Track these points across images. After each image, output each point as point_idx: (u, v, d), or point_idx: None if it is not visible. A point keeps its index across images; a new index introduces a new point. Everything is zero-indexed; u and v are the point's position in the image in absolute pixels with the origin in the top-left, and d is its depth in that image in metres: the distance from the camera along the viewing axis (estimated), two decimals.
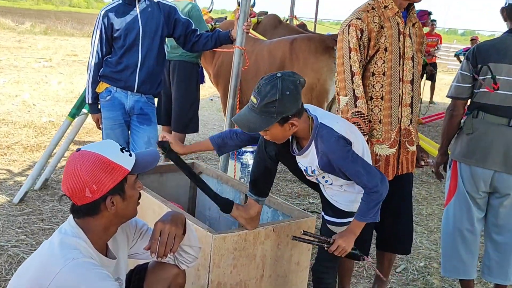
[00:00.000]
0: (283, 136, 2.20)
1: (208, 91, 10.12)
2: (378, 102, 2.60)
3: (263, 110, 2.06)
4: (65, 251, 1.66)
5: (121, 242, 1.98)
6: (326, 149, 2.19)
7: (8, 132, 5.92)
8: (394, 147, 2.65)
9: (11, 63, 11.04)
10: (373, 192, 2.17)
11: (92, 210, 1.74)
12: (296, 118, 2.13)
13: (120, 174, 1.74)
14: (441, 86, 13.70)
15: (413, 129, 2.70)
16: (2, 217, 3.72)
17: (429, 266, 3.65)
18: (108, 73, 3.48)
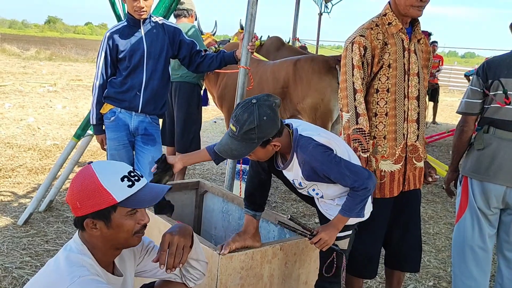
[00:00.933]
0: (266, 156, 2.26)
1: (212, 114, 10.16)
2: (382, 118, 2.59)
3: (244, 137, 2.10)
4: (72, 269, 1.64)
5: (128, 260, 1.95)
6: (307, 158, 2.20)
7: (12, 155, 5.93)
8: (399, 163, 2.63)
9: (16, 88, 11.13)
10: (362, 189, 2.19)
11: (79, 226, 1.74)
12: (277, 138, 2.17)
13: (105, 202, 1.69)
14: (443, 107, 13.73)
15: (420, 145, 2.68)
16: (6, 239, 3.70)
17: (438, 285, 3.60)
18: (112, 94, 3.49)
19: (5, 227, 3.92)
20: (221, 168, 6.18)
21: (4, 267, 3.28)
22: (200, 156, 2.67)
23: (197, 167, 6.31)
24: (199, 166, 6.36)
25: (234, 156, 2.18)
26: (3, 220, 4.04)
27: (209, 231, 3.43)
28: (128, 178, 1.73)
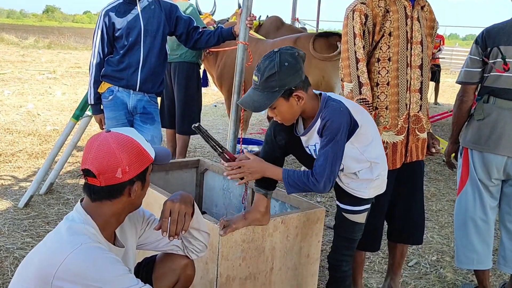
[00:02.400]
0: (292, 113, 2.13)
1: (212, 98, 10.12)
2: (384, 88, 2.55)
3: (265, 86, 2.04)
4: (73, 237, 1.62)
5: (129, 232, 1.93)
6: (328, 116, 2.10)
7: (12, 141, 5.91)
8: (401, 134, 2.58)
9: (16, 76, 11.08)
10: (315, 179, 2.10)
11: (115, 193, 1.71)
12: (300, 90, 2.07)
13: (148, 161, 1.76)
14: (444, 88, 13.65)
15: (423, 115, 2.64)
16: (7, 221, 3.68)
17: (441, 260, 3.58)
18: (110, 73, 3.45)
19: (6, 209, 3.91)
20: None
21: (6, 248, 3.27)
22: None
23: (198, 149, 6.29)
24: (199, 149, 6.33)
25: (255, 107, 2.08)
26: (4, 203, 4.03)
27: (210, 209, 3.42)
28: (146, 140, 1.80)
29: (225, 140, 3.60)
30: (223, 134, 7.09)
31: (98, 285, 1.55)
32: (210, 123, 7.97)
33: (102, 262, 1.58)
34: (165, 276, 2.04)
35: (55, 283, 1.56)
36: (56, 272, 1.55)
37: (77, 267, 1.55)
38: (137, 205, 1.84)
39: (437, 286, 3.20)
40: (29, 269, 1.65)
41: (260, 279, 2.45)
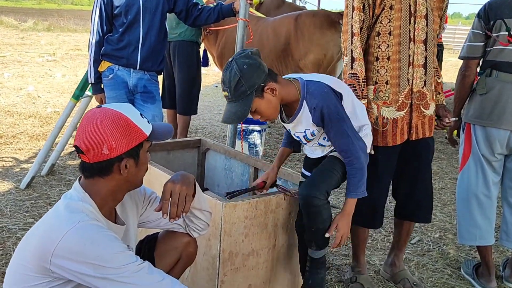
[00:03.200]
0: (272, 107, 2.19)
1: (213, 78, 10.06)
2: (384, 63, 2.50)
3: (237, 95, 2.09)
4: (71, 215, 1.61)
5: (130, 210, 1.92)
6: (320, 103, 2.16)
7: (13, 123, 5.89)
8: (402, 110, 2.53)
9: (15, 58, 11.02)
10: (354, 159, 2.18)
11: (105, 170, 1.67)
12: (270, 82, 2.13)
13: (139, 137, 1.69)
14: (447, 67, 13.57)
15: (428, 91, 2.56)
16: (9, 202, 3.68)
17: (444, 237, 3.58)
18: (109, 51, 3.42)
19: (7, 191, 3.90)
20: (223, 131, 6.13)
21: (8, 228, 3.27)
22: (284, 154, 2.62)
23: (199, 130, 6.27)
24: (201, 130, 6.31)
25: (238, 118, 2.13)
26: (6, 185, 4.02)
27: (212, 189, 3.40)
28: (142, 115, 1.74)
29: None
30: None
31: (96, 262, 1.54)
32: (211, 104, 7.94)
33: (100, 239, 1.57)
34: (167, 254, 2.04)
35: (53, 261, 1.55)
36: (54, 250, 1.54)
37: (75, 245, 1.54)
38: (136, 184, 1.80)
39: (439, 262, 3.20)
40: (28, 247, 1.64)
41: (263, 256, 2.45)
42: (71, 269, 1.55)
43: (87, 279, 1.56)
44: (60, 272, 1.57)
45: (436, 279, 3.00)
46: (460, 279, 3.02)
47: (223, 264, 2.31)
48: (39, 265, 1.58)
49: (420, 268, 3.11)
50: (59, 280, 1.60)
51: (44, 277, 1.59)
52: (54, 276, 1.59)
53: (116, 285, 1.56)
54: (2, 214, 3.48)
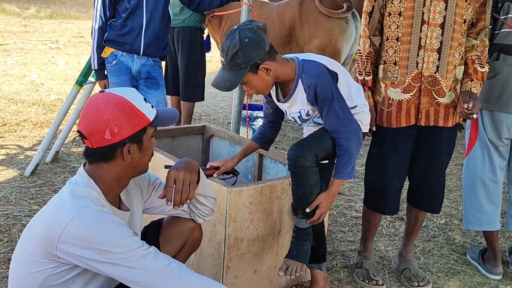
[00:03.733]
0: (264, 84, 2.20)
1: (217, 65, 10.00)
2: (393, 43, 2.49)
3: (231, 65, 2.09)
4: (76, 200, 1.60)
5: (134, 196, 1.91)
6: (314, 81, 2.16)
7: (17, 110, 5.88)
8: (408, 93, 2.49)
9: (18, 46, 10.97)
10: (341, 140, 2.17)
11: (108, 155, 1.66)
12: (267, 62, 2.13)
13: (142, 122, 1.67)
14: None
15: (442, 78, 2.47)
16: (14, 189, 3.68)
17: (450, 223, 3.57)
18: (112, 37, 3.39)
19: (12, 178, 3.90)
20: (228, 117, 6.11)
21: (13, 215, 3.27)
22: (249, 148, 2.63)
23: (203, 117, 6.25)
24: (204, 117, 6.29)
25: (227, 87, 2.14)
26: (10, 172, 4.02)
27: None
28: (146, 100, 1.72)
29: (230, 107, 3.56)
30: (228, 102, 7.04)
31: (102, 248, 1.54)
32: (215, 91, 7.89)
33: (106, 225, 1.56)
34: (172, 239, 2.03)
35: (59, 247, 1.55)
36: (60, 236, 1.54)
37: (81, 231, 1.54)
38: (141, 169, 1.79)
39: (445, 248, 3.19)
40: (33, 234, 1.63)
41: (268, 241, 2.45)
42: (77, 255, 1.55)
43: (93, 264, 1.56)
44: (67, 258, 1.57)
45: (441, 264, 2.99)
46: (466, 264, 3.01)
47: (229, 249, 2.31)
48: (45, 251, 1.58)
49: (426, 254, 3.11)
50: (66, 266, 1.60)
51: (50, 263, 1.59)
52: (60, 261, 1.59)
53: (122, 270, 1.56)
54: (7, 201, 3.48)
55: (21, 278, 1.66)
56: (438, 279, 2.84)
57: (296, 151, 2.19)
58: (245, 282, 2.43)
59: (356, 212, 3.61)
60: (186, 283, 1.59)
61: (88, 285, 1.69)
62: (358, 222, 3.47)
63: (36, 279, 1.61)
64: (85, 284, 1.68)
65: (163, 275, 1.57)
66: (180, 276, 1.59)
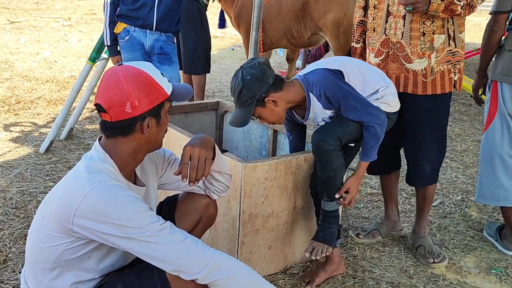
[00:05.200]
0: (276, 115, 2.30)
1: (229, 41, 9.93)
2: (371, 11, 2.61)
3: (240, 102, 2.23)
4: (92, 175, 1.59)
5: (150, 172, 1.90)
6: (321, 88, 2.24)
7: (31, 88, 5.89)
8: (378, 57, 2.60)
9: (31, 24, 10.97)
10: (368, 127, 2.24)
11: (127, 129, 1.64)
12: (272, 94, 2.23)
13: (161, 96, 1.66)
14: (470, 27, 13.21)
15: (406, 44, 2.48)
16: (29, 166, 3.70)
17: (466, 199, 3.53)
18: (125, 12, 3.36)
19: (27, 155, 3.92)
20: None
21: (29, 192, 3.30)
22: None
23: (216, 94, 6.22)
24: (218, 93, 6.26)
25: (241, 123, 2.25)
26: (25, 149, 4.04)
27: (231, 152, 3.38)
28: (162, 74, 1.70)
29: None
30: None
31: (118, 222, 1.53)
32: (228, 67, 7.85)
33: (122, 199, 1.56)
34: (188, 215, 2.02)
35: (75, 221, 1.55)
36: (76, 211, 1.54)
37: (97, 205, 1.53)
38: (156, 144, 1.77)
39: (461, 225, 3.16)
40: (50, 208, 1.64)
41: (283, 217, 2.44)
42: (94, 229, 1.55)
43: (109, 238, 1.56)
44: (82, 232, 1.57)
45: (458, 241, 2.96)
46: (482, 241, 2.98)
47: (243, 225, 2.30)
48: (61, 226, 1.58)
49: (441, 230, 3.08)
50: (82, 240, 1.60)
51: (66, 237, 1.60)
52: (77, 236, 1.59)
53: (138, 244, 1.55)
54: (23, 178, 3.51)
55: (37, 252, 1.67)
56: (454, 255, 2.81)
57: (319, 135, 2.25)
58: (259, 258, 2.42)
59: (371, 189, 3.58)
60: (202, 257, 1.59)
61: (103, 259, 1.69)
62: (373, 198, 3.45)
63: (52, 253, 1.62)
64: (100, 259, 1.68)
65: (179, 250, 1.57)
66: (196, 250, 1.59)
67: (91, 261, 1.67)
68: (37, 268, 1.68)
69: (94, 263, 1.68)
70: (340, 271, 2.52)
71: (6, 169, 3.63)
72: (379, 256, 2.77)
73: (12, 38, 8.98)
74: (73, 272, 1.66)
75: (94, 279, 1.70)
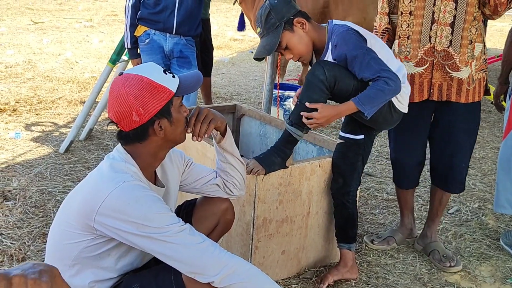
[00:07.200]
0: (304, 43, 2.25)
1: (248, 44, 9.96)
2: (406, 18, 2.50)
3: (267, 28, 2.20)
4: (116, 175, 1.63)
5: (171, 174, 1.93)
6: (339, 41, 2.19)
7: (52, 88, 5.98)
8: (421, 66, 2.50)
9: (54, 25, 11.15)
10: (382, 79, 2.10)
11: (141, 136, 1.68)
12: (300, 18, 2.22)
13: (166, 96, 1.66)
14: (492, 32, 13.06)
15: (455, 52, 2.46)
16: (49, 166, 3.77)
17: (483, 207, 3.50)
18: (146, 15, 3.40)
19: (47, 155, 3.99)
20: (259, 97, 6.09)
21: (48, 191, 3.35)
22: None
23: (234, 97, 6.24)
24: (236, 96, 6.28)
25: (267, 50, 2.22)
26: (45, 149, 4.11)
27: (247, 156, 3.39)
28: (165, 71, 1.71)
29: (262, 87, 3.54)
30: (259, 81, 7.01)
31: (139, 221, 1.56)
32: (246, 70, 7.88)
33: (144, 199, 1.59)
34: (205, 219, 2.04)
35: (97, 219, 1.58)
36: (99, 209, 1.57)
37: (120, 204, 1.57)
38: (177, 141, 1.77)
39: (478, 233, 3.13)
40: (72, 206, 1.68)
41: (297, 222, 2.44)
42: (115, 227, 1.58)
43: (129, 237, 1.58)
44: (103, 230, 1.60)
45: (473, 249, 2.94)
46: (499, 249, 2.95)
47: (257, 230, 2.32)
48: (83, 223, 1.62)
49: (457, 238, 3.06)
50: (102, 238, 1.64)
51: (87, 234, 1.63)
52: (97, 234, 1.62)
53: (157, 244, 1.58)
54: (42, 177, 3.57)
55: (58, 249, 1.71)
56: (470, 263, 2.79)
57: (322, 63, 2.21)
58: (273, 262, 2.44)
59: (387, 195, 3.57)
60: (219, 260, 1.61)
61: (122, 258, 1.73)
62: (389, 204, 3.43)
63: (73, 250, 1.66)
64: (119, 257, 1.72)
65: (197, 252, 1.59)
66: (214, 253, 1.61)
67: (110, 259, 1.70)
68: (57, 264, 1.70)
69: (112, 262, 1.71)
70: (354, 276, 2.51)
71: (27, 168, 3.70)
72: (394, 262, 2.76)
73: (35, 39, 9.14)
74: (92, 270, 1.69)
75: (111, 279, 1.74)
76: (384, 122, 2.37)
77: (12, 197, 3.23)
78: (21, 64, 7.09)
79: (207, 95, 4.95)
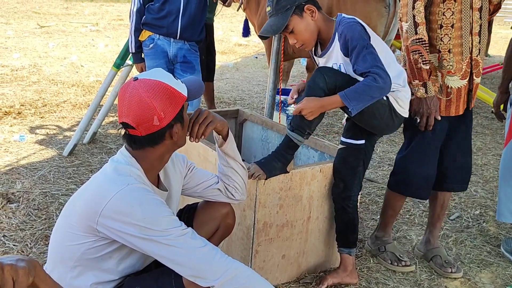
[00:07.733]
0: (309, 31, 2.27)
1: (253, 49, 10.00)
2: (448, 31, 2.43)
3: (278, 8, 2.22)
4: (120, 177, 1.65)
5: (173, 178, 1.95)
6: (345, 29, 2.21)
7: (57, 91, 6.03)
8: (465, 79, 2.50)
9: (60, 28, 11.23)
10: (371, 75, 2.10)
11: (156, 139, 1.70)
12: (310, 5, 2.24)
13: (181, 101, 1.70)
14: (496, 39, 13.07)
15: (480, 59, 2.52)
16: (53, 169, 3.80)
17: (484, 214, 3.50)
18: (150, 20, 3.44)
19: (51, 158, 4.02)
20: (262, 102, 6.11)
21: (51, 194, 3.38)
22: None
23: (238, 102, 6.27)
24: (239, 101, 6.31)
25: (274, 30, 2.24)
26: (49, 152, 4.14)
27: (249, 160, 3.41)
28: (175, 77, 1.75)
29: (265, 92, 3.56)
30: (263, 86, 7.04)
31: (142, 224, 1.58)
32: (250, 75, 7.91)
33: (148, 202, 1.61)
34: (206, 224, 2.06)
35: (100, 221, 1.60)
36: (102, 211, 1.59)
37: (123, 206, 1.58)
38: (181, 143, 1.81)
39: (478, 239, 3.14)
40: (75, 208, 1.69)
41: (297, 227, 2.46)
42: (117, 230, 1.60)
43: (131, 240, 1.60)
44: (106, 232, 1.62)
45: (474, 255, 2.94)
46: (499, 256, 2.96)
47: (258, 234, 2.33)
48: (86, 225, 1.63)
49: (458, 245, 3.06)
50: (104, 240, 1.66)
51: (90, 236, 1.65)
52: (100, 236, 1.64)
53: (160, 247, 1.60)
54: (46, 180, 3.60)
55: (60, 250, 1.72)
56: (470, 270, 2.79)
57: (324, 69, 2.27)
58: (273, 267, 2.45)
59: None
60: (220, 265, 1.62)
61: (123, 260, 1.74)
62: None
63: (75, 252, 1.68)
64: (121, 260, 1.73)
65: (199, 255, 1.61)
66: (215, 258, 1.62)
67: (111, 262, 1.72)
68: (59, 265, 1.73)
69: (114, 264, 1.73)
70: (353, 281, 2.52)
71: (30, 170, 3.73)
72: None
73: (41, 42, 9.20)
74: (93, 272, 1.71)
75: (113, 281, 1.75)
76: (386, 127, 2.39)
77: (15, 199, 3.26)
78: (26, 67, 7.15)
79: (210, 100, 4.99)
